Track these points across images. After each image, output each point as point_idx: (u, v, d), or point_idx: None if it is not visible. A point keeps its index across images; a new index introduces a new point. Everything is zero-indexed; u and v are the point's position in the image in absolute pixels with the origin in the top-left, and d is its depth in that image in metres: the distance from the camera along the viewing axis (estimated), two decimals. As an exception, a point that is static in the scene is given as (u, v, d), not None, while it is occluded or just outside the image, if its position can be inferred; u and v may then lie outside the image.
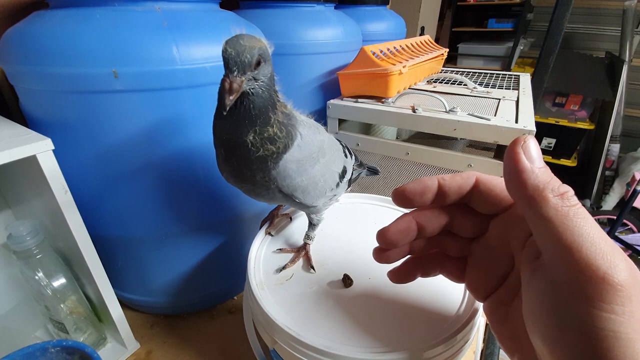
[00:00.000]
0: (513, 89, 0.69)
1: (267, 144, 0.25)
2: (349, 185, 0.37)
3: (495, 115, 0.51)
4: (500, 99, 0.60)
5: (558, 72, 1.76)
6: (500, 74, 0.82)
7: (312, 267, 0.32)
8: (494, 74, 0.82)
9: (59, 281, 0.37)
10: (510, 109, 0.55)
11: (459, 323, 0.25)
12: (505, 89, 0.69)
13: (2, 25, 0.36)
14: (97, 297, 0.39)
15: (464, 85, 0.70)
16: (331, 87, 0.61)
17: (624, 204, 1.40)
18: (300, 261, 0.33)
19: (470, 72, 0.83)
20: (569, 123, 1.90)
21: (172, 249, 0.42)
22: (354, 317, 0.27)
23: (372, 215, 0.39)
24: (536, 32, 2.24)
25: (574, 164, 1.98)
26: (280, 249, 0.34)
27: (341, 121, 0.60)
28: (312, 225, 0.34)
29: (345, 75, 0.58)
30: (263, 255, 0.34)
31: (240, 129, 0.25)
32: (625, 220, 1.58)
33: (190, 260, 0.43)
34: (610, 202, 1.89)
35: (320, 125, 0.32)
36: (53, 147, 0.30)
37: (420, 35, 1.57)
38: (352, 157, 0.38)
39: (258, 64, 0.23)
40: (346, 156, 0.36)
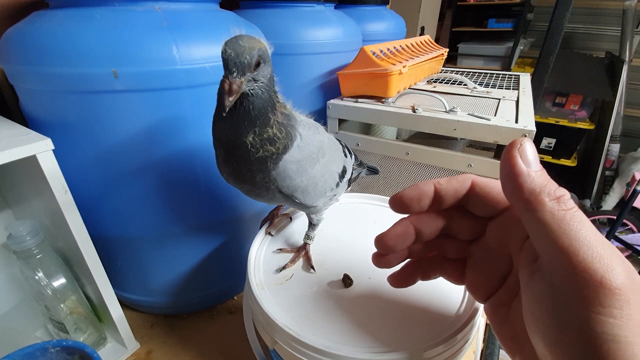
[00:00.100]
0: (513, 89, 0.69)
1: (266, 145, 0.25)
2: (349, 185, 0.37)
3: (495, 115, 0.51)
4: (500, 99, 0.60)
5: (558, 72, 1.76)
6: (500, 74, 0.82)
7: (312, 267, 0.32)
8: (494, 74, 0.82)
9: (59, 281, 0.37)
10: (510, 109, 0.55)
11: (459, 323, 0.25)
12: (505, 89, 0.69)
13: (2, 25, 0.36)
14: (97, 297, 0.39)
15: (464, 85, 0.70)
16: (331, 87, 0.61)
17: (624, 204, 1.40)
18: (300, 261, 0.33)
19: (470, 72, 0.83)
20: (569, 123, 1.90)
21: (172, 249, 0.42)
22: (354, 317, 0.27)
23: (372, 215, 0.39)
24: (536, 32, 2.24)
25: (574, 164, 1.97)
26: (280, 249, 0.34)
27: (341, 121, 0.60)
28: (312, 225, 0.34)
29: (345, 75, 0.58)
30: (263, 255, 0.34)
31: (240, 130, 0.25)
32: (625, 220, 1.58)
33: (190, 260, 0.43)
34: (610, 202, 1.89)
35: (320, 125, 0.32)
36: (53, 147, 0.30)
37: (420, 35, 1.57)
38: (352, 157, 0.38)
39: (257, 64, 0.23)
40: (346, 156, 0.36)
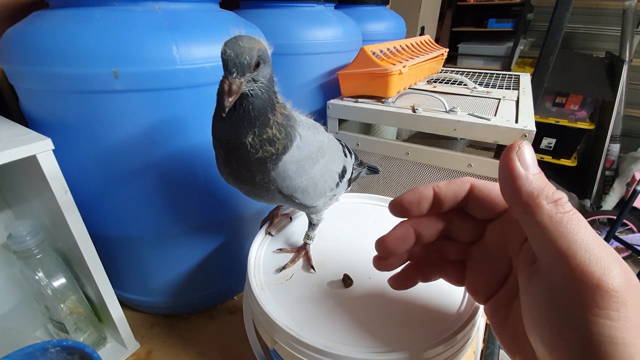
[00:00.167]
0: (513, 89, 0.69)
1: (266, 146, 0.25)
2: (349, 185, 0.37)
3: (495, 115, 0.51)
4: (500, 99, 0.60)
5: (558, 72, 1.76)
6: (500, 74, 0.82)
7: (312, 267, 0.32)
8: (494, 74, 0.82)
9: (59, 281, 0.37)
10: (510, 109, 0.55)
11: (459, 323, 0.25)
12: (505, 89, 0.69)
13: (2, 25, 0.36)
14: (97, 297, 0.39)
15: (464, 85, 0.70)
16: (331, 87, 0.61)
17: (624, 204, 1.39)
18: (300, 261, 0.33)
19: (470, 72, 0.83)
20: (569, 123, 1.90)
21: (172, 249, 0.42)
22: (354, 317, 0.27)
23: (372, 215, 0.39)
24: (536, 32, 2.24)
25: (574, 164, 1.97)
26: (280, 249, 0.34)
27: (341, 121, 0.60)
28: (312, 225, 0.34)
29: (345, 75, 0.58)
30: (263, 255, 0.34)
31: (239, 131, 0.25)
32: (625, 220, 1.58)
33: (190, 260, 0.43)
34: (610, 202, 1.88)
35: (320, 125, 0.32)
36: (53, 147, 0.30)
37: (420, 35, 1.57)
38: (351, 157, 0.38)
39: (257, 65, 0.23)
40: (346, 156, 0.35)
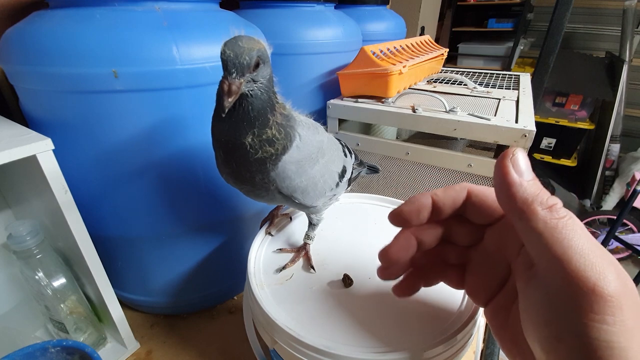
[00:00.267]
0: (513, 89, 0.69)
1: (265, 146, 0.25)
2: (349, 185, 0.37)
3: (495, 115, 0.51)
4: (500, 99, 0.60)
5: (558, 72, 1.76)
6: (500, 74, 0.82)
7: (312, 267, 0.32)
8: (494, 74, 0.82)
9: (59, 281, 0.37)
10: (510, 109, 0.55)
11: (459, 323, 0.25)
12: (506, 89, 0.69)
13: (2, 25, 0.36)
14: (97, 297, 0.39)
15: (464, 85, 0.70)
16: (331, 87, 0.61)
17: (624, 204, 1.39)
18: (300, 261, 0.33)
19: (470, 72, 0.83)
20: (569, 123, 1.90)
21: (172, 249, 0.42)
22: (354, 317, 0.27)
23: (372, 215, 0.39)
24: (536, 32, 2.24)
25: (574, 164, 1.97)
26: (280, 249, 0.34)
27: (341, 121, 0.60)
28: (312, 225, 0.34)
29: (345, 75, 0.58)
30: (263, 255, 0.34)
31: (239, 131, 0.25)
32: (625, 220, 1.58)
33: (190, 260, 0.43)
34: (610, 202, 1.88)
35: (320, 125, 0.32)
36: (53, 147, 0.30)
37: (420, 35, 1.57)
38: (351, 156, 0.38)
39: (257, 65, 0.23)
40: (346, 155, 0.35)
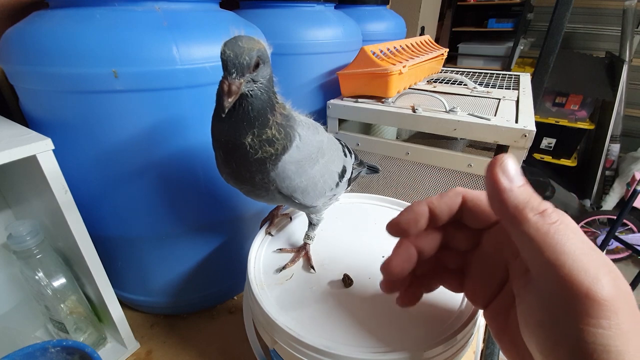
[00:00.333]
0: (513, 88, 0.69)
1: (265, 146, 0.25)
2: (349, 185, 0.37)
3: (495, 115, 0.51)
4: (500, 99, 0.60)
5: (558, 72, 1.76)
6: (500, 74, 0.82)
7: (312, 267, 0.32)
8: (494, 74, 0.82)
9: (59, 281, 0.37)
10: (510, 109, 0.55)
11: (459, 323, 0.25)
12: (506, 88, 0.69)
13: (2, 25, 0.36)
14: (97, 297, 0.39)
15: (464, 85, 0.70)
16: (331, 87, 0.61)
17: (624, 204, 1.39)
18: (300, 261, 0.33)
19: (470, 72, 0.83)
20: (569, 123, 1.90)
21: (172, 249, 0.42)
22: (354, 317, 0.27)
23: (372, 215, 0.39)
24: (536, 32, 2.24)
25: (574, 164, 1.97)
26: (280, 249, 0.34)
27: (341, 121, 0.60)
28: (312, 225, 0.34)
29: (345, 75, 0.58)
30: (263, 255, 0.34)
31: (239, 131, 0.24)
32: (625, 220, 1.58)
33: (190, 260, 0.43)
34: (610, 202, 1.88)
35: (320, 125, 0.32)
36: (53, 147, 0.30)
37: (420, 35, 1.57)
38: (351, 156, 0.38)
39: (257, 65, 0.23)
40: (345, 155, 0.35)
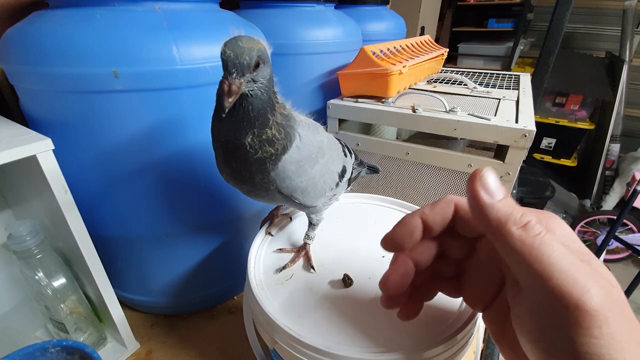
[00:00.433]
0: (513, 88, 0.69)
1: (265, 146, 0.25)
2: (349, 184, 0.37)
3: (496, 115, 0.51)
4: (500, 99, 0.60)
5: (558, 72, 1.76)
6: (500, 74, 0.82)
7: (312, 267, 0.32)
8: (494, 74, 0.82)
9: (59, 281, 0.37)
10: (510, 108, 0.55)
11: (459, 323, 0.25)
12: (506, 88, 0.69)
13: (2, 25, 0.36)
14: (97, 297, 0.39)
15: (464, 85, 0.70)
16: (331, 87, 0.61)
17: (624, 204, 1.39)
18: (300, 261, 0.33)
19: (470, 72, 0.83)
20: (569, 123, 1.90)
21: (172, 249, 0.42)
22: (354, 317, 0.27)
23: (372, 215, 0.39)
24: (536, 32, 2.24)
25: (574, 164, 1.97)
26: (280, 249, 0.34)
27: (341, 121, 0.60)
28: (312, 225, 0.34)
29: (345, 75, 0.58)
30: (263, 255, 0.34)
31: (239, 131, 0.24)
32: (625, 220, 1.58)
33: (190, 260, 0.43)
34: (610, 202, 1.88)
35: (320, 125, 0.32)
36: (53, 147, 0.30)
37: (420, 35, 1.57)
38: (351, 156, 0.38)
39: (257, 65, 0.23)
40: (346, 155, 0.35)
